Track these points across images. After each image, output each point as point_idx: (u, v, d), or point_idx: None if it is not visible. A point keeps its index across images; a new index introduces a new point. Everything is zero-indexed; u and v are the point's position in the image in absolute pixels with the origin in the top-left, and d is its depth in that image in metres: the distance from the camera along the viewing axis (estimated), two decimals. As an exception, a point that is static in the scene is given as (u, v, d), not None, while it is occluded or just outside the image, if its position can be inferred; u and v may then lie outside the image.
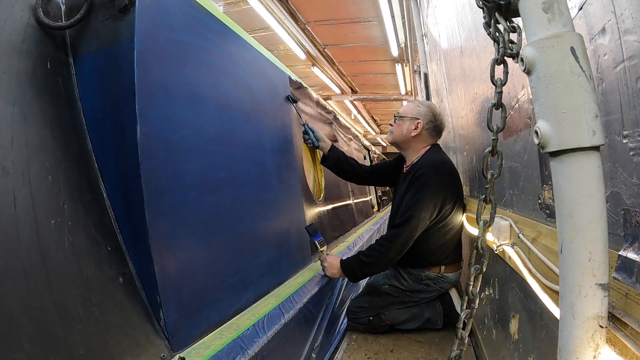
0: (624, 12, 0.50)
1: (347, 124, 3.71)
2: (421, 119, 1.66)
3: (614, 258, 0.53)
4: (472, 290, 0.71)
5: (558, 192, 0.50)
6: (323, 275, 1.58)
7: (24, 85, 0.74)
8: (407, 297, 1.66)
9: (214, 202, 1.07)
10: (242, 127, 1.30)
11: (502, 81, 0.61)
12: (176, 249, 0.91)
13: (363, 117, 11.62)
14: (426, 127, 1.66)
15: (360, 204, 3.48)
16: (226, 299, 1.05)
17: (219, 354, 0.86)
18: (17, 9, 0.78)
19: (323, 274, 1.59)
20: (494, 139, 0.64)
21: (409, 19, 4.32)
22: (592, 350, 0.47)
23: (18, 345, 0.57)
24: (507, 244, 1.05)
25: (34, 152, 0.72)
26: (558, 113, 0.47)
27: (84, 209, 0.79)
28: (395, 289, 1.66)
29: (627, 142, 0.52)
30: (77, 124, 0.86)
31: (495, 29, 0.58)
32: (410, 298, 1.66)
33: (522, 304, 1.03)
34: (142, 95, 0.85)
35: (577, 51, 0.47)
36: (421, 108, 1.69)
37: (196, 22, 1.12)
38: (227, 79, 1.25)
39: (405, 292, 1.66)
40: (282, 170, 1.58)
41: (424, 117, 1.66)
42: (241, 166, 1.25)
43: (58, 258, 0.69)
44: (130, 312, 0.79)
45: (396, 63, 6.64)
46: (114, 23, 0.88)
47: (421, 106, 1.71)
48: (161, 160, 0.90)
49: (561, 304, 0.50)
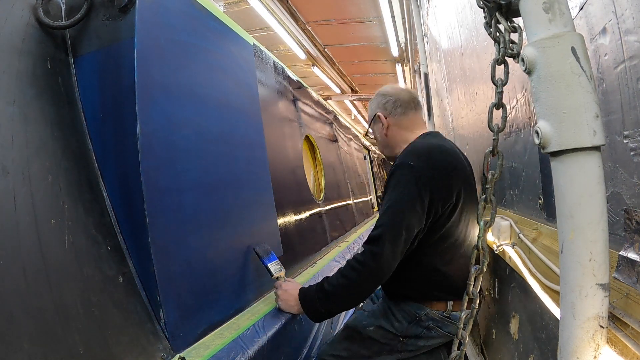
0: (625, 12, 0.50)
1: (347, 124, 3.71)
2: (378, 110, 1.29)
3: (615, 258, 0.53)
4: (472, 290, 0.71)
5: (558, 192, 0.50)
6: (278, 309, 1.13)
7: (24, 85, 0.74)
8: (399, 344, 1.15)
9: (214, 202, 1.07)
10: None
11: (502, 81, 0.61)
12: (176, 248, 0.90)
13: (363, 117, 11.62)
14: (387, 111, 1.27)
15: (360, 204, 3.48)
16: (226, 299, 1.05)
17: (219, 354, 0.86)
18: (17, 8, 0.78)
19: (277, 306, 1.14)
20: (494, 139, 0.64)
21: (409, 19, 4.32)
22: (592, 351, 0.47)
23: (18, 345, 0.57)
24: (507, 244, 1.05)
25: (34, 152, 0.72)
26: (559, 113, 0.47)
27: (84, 208, 0.79)
28: (384, 333, 1.16)
29: (627, 142, 0.52)
30: (77, 123, 0.86)
31: (495, 29, 0.58)
32: (404, 346, 1.15)
33: (522, 304, 1.03)
34: (142, 95, 0.85)
35: (577, 51, 0.47)
36: (372, 102, 1.34)
37: (196, 21, 1.12)
38: (228, 78, 1.25)
39: (398, 338, 1.15)
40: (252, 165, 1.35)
41: (378, 106, 1.30)
42: (241, 165, 1.25)
43: (58, 258, 0.69)
44: (130, 312, 0.79)
45: (396, 63, 6.64)
46: (114, 22, 0.88)
47: (372, 101, 1.35)
48: (161, 159, 0.90)
49: (561, 304, 0.50)
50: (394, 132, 1.28)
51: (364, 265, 1.01)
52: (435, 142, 1.18)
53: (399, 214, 1.02)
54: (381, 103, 1.29)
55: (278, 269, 1.18)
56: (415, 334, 1.14)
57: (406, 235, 1.01)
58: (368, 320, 1.20)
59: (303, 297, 1.08)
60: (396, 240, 1.00)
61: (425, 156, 1.09)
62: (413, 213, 1.02)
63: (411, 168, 1.05)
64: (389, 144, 1.30)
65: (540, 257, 0.79)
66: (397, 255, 1.02)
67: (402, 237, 1.01)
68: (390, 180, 1.08)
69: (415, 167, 1.05)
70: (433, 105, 3.56)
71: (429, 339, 1.14)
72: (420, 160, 1.07)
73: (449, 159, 1.12)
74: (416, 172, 1.04)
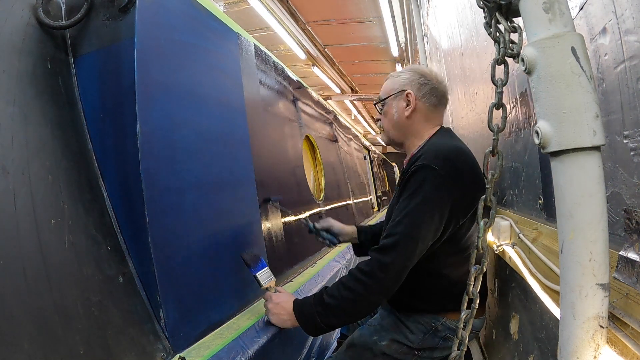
0: (625, 12, 0.50)
1: (347, 124, 3.71)
2: (409, 88, 1.11)
3: (615, 258, 0.53)
4: (472, 290, 0.71)
5: (558, 192, 0.50)
6: (266, 322, 1.04)
7: (24, 85, 0.74)
8: (414, 358, 1.07)
9: (214, 202, 1.07)
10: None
11: (502, 81, 0.61)
12: (176, 248, 0.91)
13: (363, 117, 11.62)
14: (421, 94, 1.11)
15: (360, 204, 3.48)
16: (226, 298, 1.05)
17: (219, 354, 0.86)
18: (18, 8, 0.78)
19: (267, 319, 1.04)
20: (494, 139, 0.64)
21: (409, 18, 4.33)
22: (592, 351, 0.47)
23: (18, 345, 0.57)
24: (507, 244, 1.05)
25: (34, 152, 0.72)
26: (559, 113, 0.47)
27: (84, 208, 0.79)
28: (398, 347, 1.06)
29: (627, 142, 0.52)
30: (77, 123, 0.86)
31: (495, 29, 0.58)
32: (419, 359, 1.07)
33: (522, 304, 1.03)
34: (142, 95, 0.85)
35: (577, 51, 0.47)
36: (404, 75, 1.15)
37: (197, 21, 1.12)
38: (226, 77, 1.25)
39: (413, 351, 1.06)
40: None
41: (411, 83, 1.12)
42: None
43: (58, 258, 0.69)
44: (130, 312, 0.79)
45: (396, 63, 6.64)
46: (115, 22, 0.88)
47: (403, 73, 1.16)
48: (161, 159, 0.90)
49: (561, 304, 0.50)
50: (417, 119, 1.12)
51: (371, 277, 0.92)
52: (458, 144, 1.07)
53: (418, 225, 0.92)
54: (417, 82, 1.12)
55: (268, 279, 1.06)
56: (431, 346, 1.06)
57: (421, 247, 0.93)
58: (379, 335, 1.09)
59: (299, 310, 0.98)
60: (410, 253, 0.91)
61: (452, 161, 0.97)
62: (432, 225, 0.93)
63: (435, 173, 0.93)
64: (404, 129, 1.14)
65: (540, 257, 0.79)
66: (407, 269, 0.93)
67: (417, 250, 0.92)
68: (410, 182, 0.97)
69: (439, 172, 0.94)
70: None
71: (444, 350, 1.06)
72: (446, 165, 0.95)
73: (471, 164, 1.02)
74: (441, 179, 0.94)
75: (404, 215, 0.94)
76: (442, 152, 0.98)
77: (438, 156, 0.96)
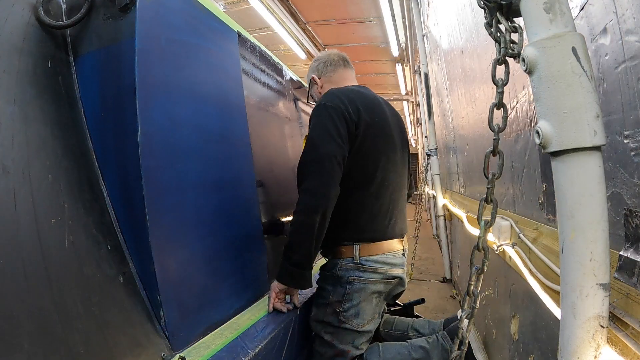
0: (625, 12, 0.50)
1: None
2: (312, 74, 1.43)
3: (615, 258, 0.53)
4: (473, 290, 0.71)
5: (559, 192, 0.50)
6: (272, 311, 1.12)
7: (25, 84, 0.74)
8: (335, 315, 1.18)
9: (214, 201, 1.07)
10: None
11: (503, 81, 0.61)
12: (176, 248, 0.91)
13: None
14: (319, 73, 1.40)
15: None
16: (226, 298, 1.05)
17: (219, 354, 0.86)
18: (18, 7, 0.78)
19: (271, 310, 1.12)
20: (495, 139, 0.64)
21: (409, 19, 4.33)
22: (593, 350, 0.47)
23: (18, 344, 0.57)
24: (507, 244, 1.05)
25: (35, 151, 0.72)
26: (559, 113, 0.47)
27: (85, 208, 0.79)
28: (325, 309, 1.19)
29: (628, 142, 0.52)
30: (77, 123, 0.86)
31: (496, 29, 0.58)
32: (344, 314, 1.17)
33: (522, 304, 1.03)
34: (142, 94, 0.85)
35: (578, 51, 0.47)
36: (308, 71, 1.47)
37: (197, 21, 1.12)
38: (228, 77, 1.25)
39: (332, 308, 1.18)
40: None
41: (311, 70, 1.44)
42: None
43: (58, 257, 0.69)
44: (130, 311, 0.79)
45: (396, 63, 6.64)
46: (115, 22, 0.88)
47: (309, 70, 1.47)
48: (162, 159, 0.90)
49: (562, 304, 0.50)
50: (326, 88, 1.35)
51: (301, 204, 1.06)
52: (352, 88, 1.29)
53: (323, 129, 1.11)
54: (313, 67, 1.42)
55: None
56: (341, 297, 1.16)
57: (335, 143, 1.10)
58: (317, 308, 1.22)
59: (277, 276, 1.11)
60: (324, 146, 1.09)
61: (333, 93, 1.21)
62: (332, 142, 1.10)
63: (325, 107, 1.15)
64: None
65: (541, 257, 0.79)
66: (329, 182, 1.07)
67: (332, 143, 1.09)
68: (310, 123, 1.17)
69: (325, 102, 1.16)
70: (433, 105, 3.56)
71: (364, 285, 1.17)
72: (327, 96, 1.19)
73: (359, 97, 1.22)
74: (330, 109, 1.14)
75: (306, 145, 1.14)
76: (329, 93, 1.22)
77: (326, 95, 1.21)
